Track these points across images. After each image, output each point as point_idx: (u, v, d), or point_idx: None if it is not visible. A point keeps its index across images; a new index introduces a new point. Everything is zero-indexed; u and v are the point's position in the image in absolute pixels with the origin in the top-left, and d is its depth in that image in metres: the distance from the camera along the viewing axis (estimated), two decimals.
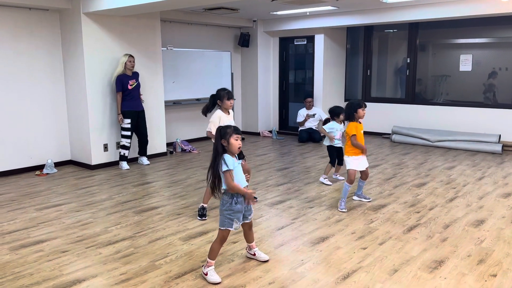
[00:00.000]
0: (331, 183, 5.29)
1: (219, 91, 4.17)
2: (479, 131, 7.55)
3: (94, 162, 6.17)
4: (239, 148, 2.87)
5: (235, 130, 2.87)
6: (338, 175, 5.53)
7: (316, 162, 6.52)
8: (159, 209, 4.44)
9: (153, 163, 6.55)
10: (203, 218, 4.10)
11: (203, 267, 2.97)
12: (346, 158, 4.44)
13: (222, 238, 2.91)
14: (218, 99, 4.14)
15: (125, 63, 6.03)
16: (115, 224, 4.01)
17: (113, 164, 6.38)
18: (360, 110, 4.33)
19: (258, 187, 5.20)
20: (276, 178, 5.67)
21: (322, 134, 8.35)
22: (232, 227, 2.88)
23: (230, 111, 4.20)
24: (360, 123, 4.42)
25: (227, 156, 2.82)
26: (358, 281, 2.90)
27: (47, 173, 5.93)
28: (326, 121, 5.39)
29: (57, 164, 6.29)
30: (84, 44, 5.85)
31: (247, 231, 3.17)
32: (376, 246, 3.45)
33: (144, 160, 6.50)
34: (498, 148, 7.01)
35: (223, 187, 2.86)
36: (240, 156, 3.75)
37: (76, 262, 3.22)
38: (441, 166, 6.20)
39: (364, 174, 4.52)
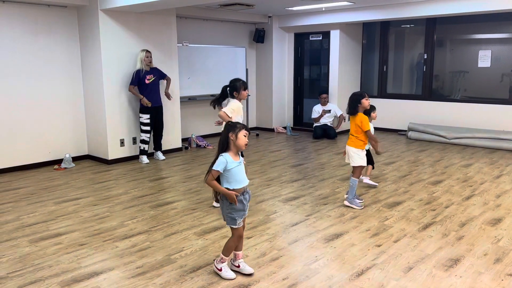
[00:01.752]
0: (376, 184, 5.04)
1: (234, 81, 4.12)
2: (497, 128, 7.42)
3: (110, 157, 6.26)
4: (246, 144, 2.81)
5: (244, 126, 2.84)
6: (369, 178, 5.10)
7: (331, 159, 6.50)
8: (174, 204, 4.50)
9: (168, 158, 6.61)
10: None
11: (215, 262, 2.98)
12: (355, 151, 4.21)
13: (238, 236, 2.88)
14: (234, 90, 4.10)
15: (143, 59, 6.10)
16: (131, 218, 4.07)
17: (130, 159, 6.46)
18: (363, 100, 4.12)
19: (272, 183, 5.22)
20: (290, 174, 5.67)
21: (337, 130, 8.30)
22: (236, 225, 2.83)
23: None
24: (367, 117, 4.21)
25: (224, 156, 2.77)
26: (372, 278, 2.89)
27: (65, 168, 6.04)
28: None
29: (75, 159, 6.39)
30: (101, 40, 5.92)
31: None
32: (391, 244, 3.44)
33: (160, 155, 6.57)
34: None
35: (223, 185, 2.81)
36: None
37: (94, 255, 3.29)
38: (457, 164, 6.12)
39: (368, 169, 4.84)
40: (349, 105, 4.18)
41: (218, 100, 4.29)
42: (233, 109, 4.13)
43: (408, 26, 8.77)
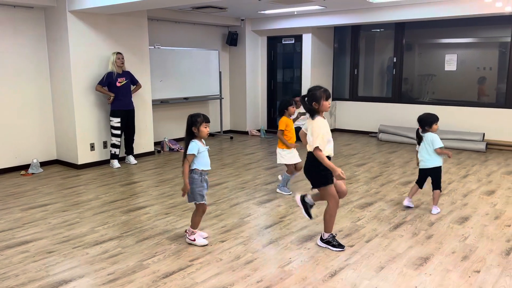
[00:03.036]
0: (412, 205, 4.39)
1: (313, 90, 3.24)
2: (463, 130, 7.67)
3: (80, 161, 6.11)
4: (207, 134, 3.32)
5: (205, 119, 3.30)
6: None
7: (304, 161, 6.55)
8: (146, 208, 4.43)
9: (140, 163, 6.51)
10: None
11: (187, 236, 3.49)
12: (279, 151, 4.75)
13: (203, 211, 3.42)
14: (314, 101, 3.20)
15: (115, 61, 6.01)
16: (102, 224, 3.98)
17: (100, 163, 6.33)
18: (290, 108, 4.66)
19: (246, 186, 5.21)
20: (265, 177, 5.68)
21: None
22: (204, 200, 3.36)
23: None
24: (291, 119, 4.73)
25: (195, 142, 3.28)
26: (345, 279, 2.93)
27: (33, 173, 5.86)
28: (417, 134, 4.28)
29: (43, 164, 6.21)
30: (70, 42, 5.79)
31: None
32: (363, 244, 3.49)
33: (132, 160, 6.46)
34: (482, 146, 7.13)
35: (192, 166, 3.31)
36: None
37: (63, 263, 3.20)
38: None
39: (298, 166, 4.78)
40: (278, 108, 4.78)
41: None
42: (322, 135, 3.15)
43: (378, 30, 8.96)
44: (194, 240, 3.47)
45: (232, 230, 3.80)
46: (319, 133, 3.15)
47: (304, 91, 8.71)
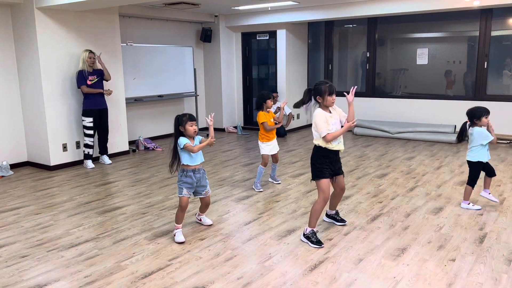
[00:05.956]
0: (480, 207, 4.14)
1: (318, 85, 3.33)
2: (436, 122, 7.84)
3: (53, 162, 5.95)
4: (194, 132, 3.44)
5: (190, 117, 3.44)
6: (489, 193, 4.25)
7: (282, 157, 6.57)
8: (123, 208, 4.35)
9: (115, 162, 6.39)
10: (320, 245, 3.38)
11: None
12: (260, 144, 4.89)
13: (180, 204, 3.48)
14: (318, 95, 3.31)
15: (85, 59, 5.86)
16: (77, 226, 3.89)
17: (73, 164, 6.18)
18: (268, 101, 4.76)
19: (224, 183, 5.19)
20: (242, 173, 5.67)
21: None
22: (182, 194, 3.47)
23: (333, 108, 3.42)
24: (268, 112, 4.80)
25: (181, 139, 3.42)
26: (325, 272, 2.95)
27: (2, 176, 5.67)
28: (463, 128, 4.13)
29: (13, 166, 6.02)
30: (38, 40, 5.61)
31: (204, 207, 3.74)
32: (342, 237, 3.52)
33: (106, 159, 6.33)
34: (454, 138, 7.31)
35: (182, 162, 3.47)
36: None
37: (37, 267, 3.10)
38: (401, 157, 6.40)
39: (274, 158, 4.97)
40: (257, 102, 4.81)
41: (303, 102, 3.44)
42: (322, 125, 3.27)
43: (351, 26, 9.06)
44: (175, 235, 3.53)
45: (211, 228, 3.77)
46: (320, 122, 3.27)
47: (279, 87, 8.76)
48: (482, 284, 2.76)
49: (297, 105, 3.46)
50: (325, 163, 3.33)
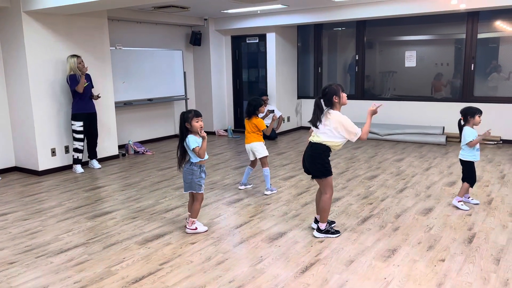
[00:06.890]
0: (468, 208, 4.20)
1: (328, 87, 3.41)
2: (424, 124, 7.92)
3: (41, 167, 5.89)
4: (201, 128, 3.49)
5: (196, 113, 3.49)
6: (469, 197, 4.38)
7: (272, 159, 6.58)
8: (113, 213, 4.31)
9: (104, 167, 6.34)
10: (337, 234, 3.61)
11: (187, 226, 3.68)
12: (260, 144, 4.82)
13: (201, 199, 3.65)
14: (334, 95, 3.39)
15: (77, 66, 5.78)
16: (66, 231, 3.85)
17: (62, 169, 6.12)
18: (261, 108, 4.79)
19: (215, 187, 5.17)
20: (233, 176, 5.66)
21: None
22: (202, 190, 3.61)
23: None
24: (260, 117, 4.89)
25: (190, 136, 3.47)
26: (316, 274, 2.95)
27: None
28: (459, 126, 4.25)
29: (1, 172, 5.95)
30: (26, 44, 5.56)
31: (192, 201, 3.76)
32: (332, 239, 3.53)
33: (95, 164, 6.28)
34: (443, 139, 7.39)
35: (192, 160, 3.54)
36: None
37: (26, 273, 3.06)
38: (391, 159, 6.45)
39: (255, 163, 4.99)
40: (248, 110, 4.78)
41: (318, 117, 3.42)
42: (349, 123, 3.44)
43: (340, 29, 9.12)
44: (196, 228, 3.68)
45: (202, 232, 3.76)
46: (349, 122, 3.45)
47: (269, 90, 8.77)
48: (471, 283, 2.79)
49: (314, 123, 3.43)
50: (329, 162, 3.55)
